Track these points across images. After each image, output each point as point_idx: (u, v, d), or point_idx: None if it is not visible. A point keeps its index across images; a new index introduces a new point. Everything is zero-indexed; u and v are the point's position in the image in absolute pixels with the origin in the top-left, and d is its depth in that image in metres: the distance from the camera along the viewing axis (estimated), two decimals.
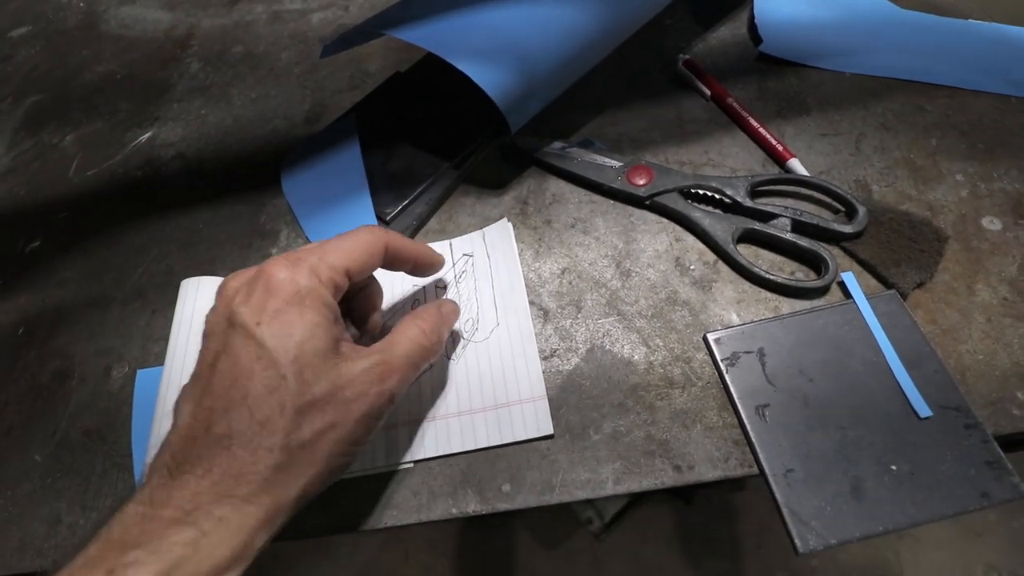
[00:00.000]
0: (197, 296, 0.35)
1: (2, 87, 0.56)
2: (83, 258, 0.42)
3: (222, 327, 0.24)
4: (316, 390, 0.23)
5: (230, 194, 0.43)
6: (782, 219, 0.33)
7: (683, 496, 1.04)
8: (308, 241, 0.39)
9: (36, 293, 0.41)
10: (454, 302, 0.31)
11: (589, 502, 1.03)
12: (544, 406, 0.30)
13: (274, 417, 0.22)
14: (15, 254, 0.43)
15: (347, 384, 0.23)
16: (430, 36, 0.34)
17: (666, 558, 1.01)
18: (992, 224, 0.34)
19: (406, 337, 0.26)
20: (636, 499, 1.03)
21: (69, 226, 0.44)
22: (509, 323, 0.33)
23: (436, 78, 0.45)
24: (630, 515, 1.02)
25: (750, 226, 0.34)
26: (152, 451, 0.30)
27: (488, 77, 0.32)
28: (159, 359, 0.36)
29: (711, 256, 0.34)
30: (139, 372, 0.35)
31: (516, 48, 0.34)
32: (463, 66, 0.32)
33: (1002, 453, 0.27)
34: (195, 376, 0.24)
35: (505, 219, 0.36)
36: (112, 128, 0.50)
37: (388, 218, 0.38)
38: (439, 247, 0.37)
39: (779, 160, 0.37)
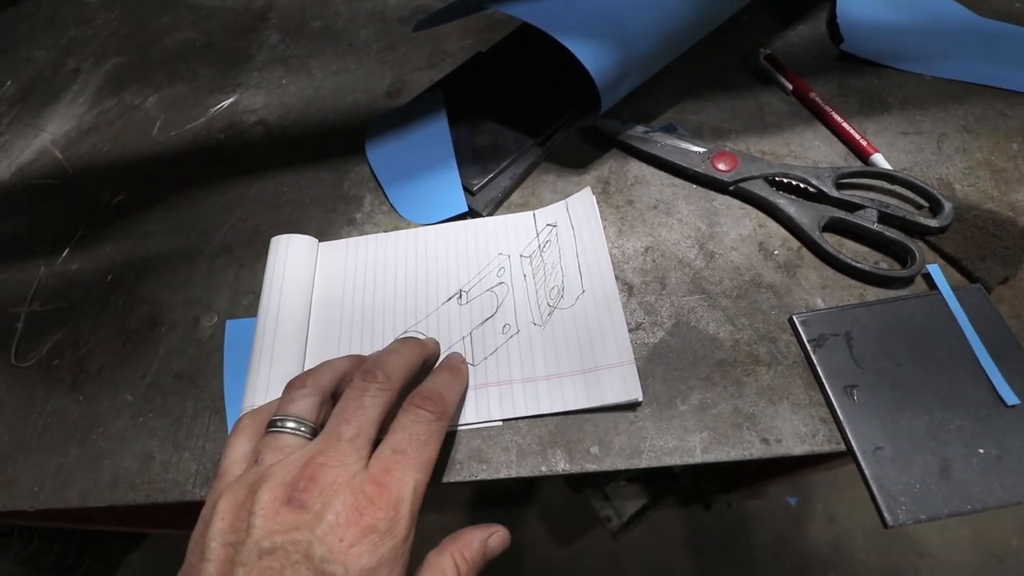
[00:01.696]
0: (288, 253, 0.37)
1: (83, 47, 0.58)
2: (168, 213, 0.43)
3: (288, 554, 0.21)
4: None
5: (313, 161, 0.44)
6: (868, 210, 0.34)
7: (703, 501, 1.04)
8: (393, 209, 0.40)
9: (123, 243, 0.42)
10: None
11: (608, 500, 1.04)
12: (632, 371, 0.31)
13: None
14: (101, 206, 0.45)
15: None
16: (534, 11, 0.35)
17: (682, 561, 1.01)
18: None
19: None
20: (655, 500, 1.03)
21: (154, 182, 0.45)
22: (595, 289, 0.34)
23: (517, 59, 0.46)
24: (648, 516, 1.02)
25: (836, 215, 0.34)
26: (248, 398, 0.31)
27: (590, 55, 0.33)
28: (248, 311, 0.37)
29: (795, 243, 0.35)
30: (228, 322, 0.36)
31: (617, 27, 0.34)
32: (567, 42, 0.33)
33: None
34: None
35: (588, 189, 0.37)
36: (194, 92, 0.51)
37: (474, 189, 0.39)
38: (522, 218, 0.38)
39: (862, 155, 0.38)
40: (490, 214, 0.39)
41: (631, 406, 0.31)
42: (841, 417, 0.29)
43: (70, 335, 0.38)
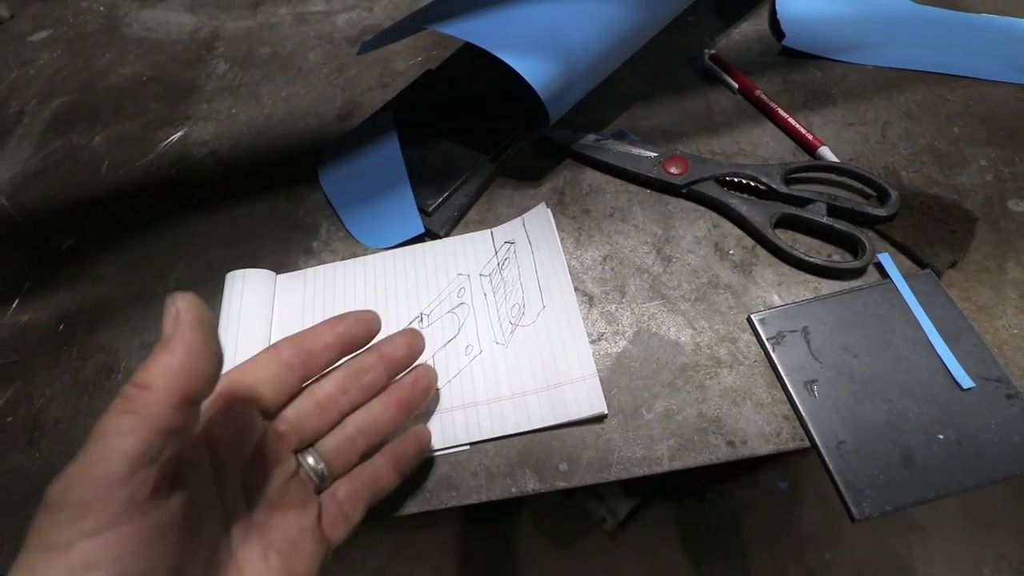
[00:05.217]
0: (244, 288, 0.36)
1: (26, 90, 0.56)
2: (121, 254, 0.42)
3: None
4: None
5: (266, 190, 0.43)
6: (818, 204, 0.34)
7: (695, 494, 1.04)
8: (349, 235, 0.40)
9: (74, 290, 0.41)
10: None
11: (601, 500, 1.04)
12: (596, 384, 0.30)
13: None
14: (50, 252, 0.43)
15: None
16: (474, 30, 0.34)
17: (680, 555, 1.01)
18: (1018, 206, 0.35)
19: None
20: (648, 497, 1.03)
21: (104, 224, 0.44)
22: (555, 305, 0.33)
23: (467, 75, 0.46)
24: (643, 514, 1.03)
25: (787, 211, 0.35)
26: None
27: (532, 69, 0.33)
28: None
29: (749, 241, 0.35)
30: None
31: (558, 41, 0.34)
32: (508, 58, 0.33)
33: None
34: None
35: (543, 204, 0.37)
36: (142, 128, 0.50)
37: (430, 209, 0.38)
38: (479, 237, 0.38)
39: (809, 149, 0.38)
40: (447, 233, 0.38)
41: (597, 419, 0.30)
42: (803, 413, 0.29)
43: (23, 390, 0.37)
